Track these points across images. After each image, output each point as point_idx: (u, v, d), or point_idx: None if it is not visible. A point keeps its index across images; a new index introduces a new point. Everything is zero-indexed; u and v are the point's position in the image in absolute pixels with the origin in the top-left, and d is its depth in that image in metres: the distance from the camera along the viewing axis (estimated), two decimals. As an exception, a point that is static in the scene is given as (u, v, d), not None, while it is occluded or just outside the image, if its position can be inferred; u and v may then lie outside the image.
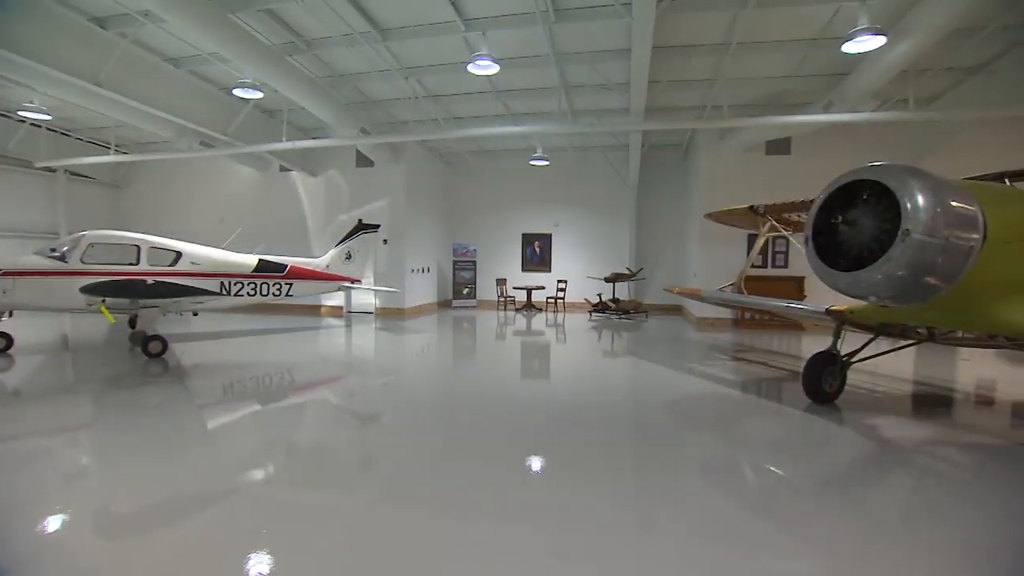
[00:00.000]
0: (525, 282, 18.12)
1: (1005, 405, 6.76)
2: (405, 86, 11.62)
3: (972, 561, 3.02)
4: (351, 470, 4.37)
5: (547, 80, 11.33)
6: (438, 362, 9.63)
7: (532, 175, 17.98)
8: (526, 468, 4.35)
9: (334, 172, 16.17)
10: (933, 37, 7.62)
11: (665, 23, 8.64)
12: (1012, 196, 4.51)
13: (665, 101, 12.44)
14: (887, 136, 12.77)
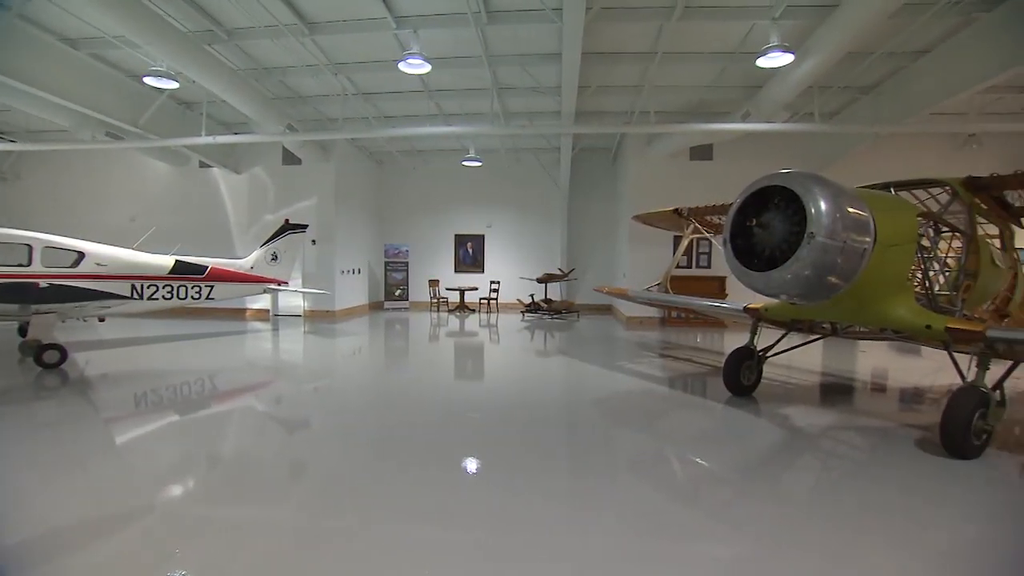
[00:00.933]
0: (458, 283, 18.07)
1: (895, 391, 7.48)
2: (334, 82, 11.29)
3: (870, 530, 3.30)
4: (278, 480, 4.18)
5: (480, 81, 11.36)
6: (371, 365, 9.42)
7: (465, 176, 17.98)
8: (462, 469, 4.34)
9: (259, 170, 15.43)
10: (832, 58, 8.30)
11: (595, 30, 8.89)
12: (896, 204, 5.00)
13: (595, 105, 12.78)
14: (798, 145, 13.73)
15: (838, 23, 7.64)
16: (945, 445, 4.61)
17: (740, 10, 8.41)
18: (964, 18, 8.67)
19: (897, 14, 7.89)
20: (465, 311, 17.25)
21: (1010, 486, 4.11)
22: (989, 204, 5.64)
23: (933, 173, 5.79)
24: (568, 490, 4.02)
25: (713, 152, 14.28)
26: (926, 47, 9.77)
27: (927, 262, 5.23)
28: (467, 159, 15.41)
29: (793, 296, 4.72)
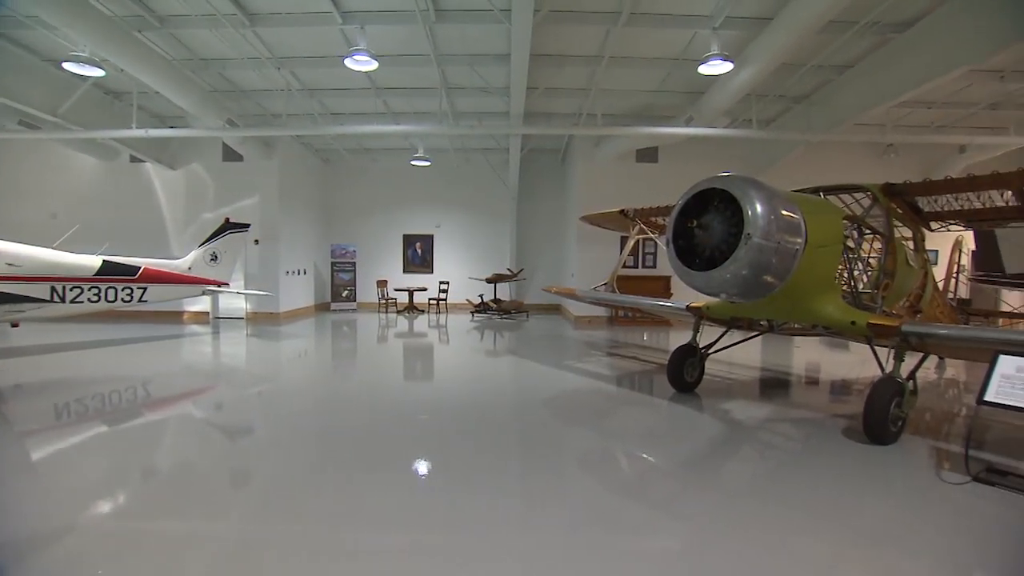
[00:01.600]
0: (407, 283, 17.86)
1: (826, 384, 7.95)
2: (278, 77, 10.93)
3: (803, 515, 3.50)
4: (219, 490, 3.99)
5: (428, 80, 11.26)
6: (317, 368, 9.18)
7: (414, 175, 17.80)
8: (412, 472, 4.29)
9: (197, 166, 14.70)
10: (767, 68, 8.73)
11: (543, 32, 8.99)
12: (825, 207, 5.31)
13: (544, 107, 12.91)
14: (738, 149, 14.35)
15: (772, 36, 8.05)
16: (867, 432, 4.93)
17: (683, 18, 8.70)
18: (881, 38, 9.32)
19: (824, 30, 8.41)
20: (414, 312, 17.06)
21: (922, 468, 4.43)
22: (904, 209, 6.08)
23: (857, 179, 6.19)
24: (519, 489, 4.05)
25: (659, 155, 14.70)
26: (849, 62, 10.42)
27: (852, 262, 5.58)
28: (416, 158, 15.27)
29: (732, 295, 4.94)
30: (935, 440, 5.22)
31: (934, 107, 12.43)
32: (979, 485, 4.06)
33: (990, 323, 9.26)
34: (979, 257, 11.99)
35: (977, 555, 3.15)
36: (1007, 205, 5.81)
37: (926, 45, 8.84)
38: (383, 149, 17.42)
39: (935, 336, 4.88)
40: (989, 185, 5.43)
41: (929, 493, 3.98)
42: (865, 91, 10.47)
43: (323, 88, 11.93)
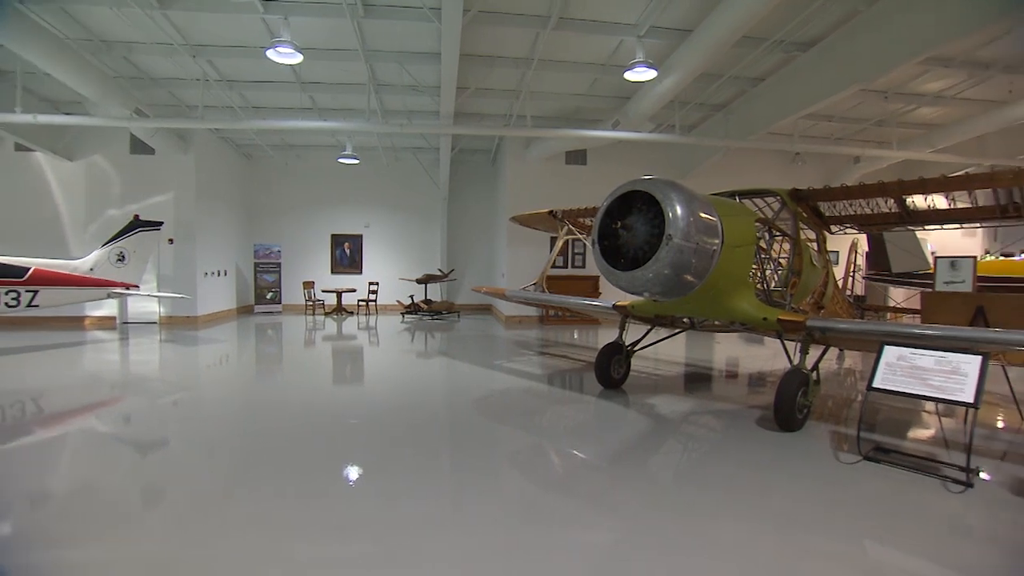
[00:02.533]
0: (335, 285, 17.29)
1: (743, 377, 8.42)
2: (192, 66, 10.23)
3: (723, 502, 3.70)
4: (126, 511, 3.66)
5: (356, 76, 10.94)
6: (240, 373, 8.71)
7: (341, 174, 17.27)
8: (341, 478, 4.16)
9: (100, 158, 13.46)
10: (688, 76, 9.15)
11: (473, 32, 8.97)
12: (740, 210, 5.64)
13: (474, 107, 12.90)
14: (663, 153, 14.96)
15: (692, 46, 8.44)
16: (777, 421, 5.28)
17: (610, 26, 8.94)
18: (787, 55, 10.03)
19: (738, 44, 8.91)
20: (342, 314, 16.55)
21: (823, 451, 4.80)
22: (808, 213, 6.56)
23: (769, 184, 6.61)
24: (451, 489, 4.03)
25: (587, 157, 15.05)
26: (762, 76, 11.13)
27: (763, 262, 5.95)
28: (344, 156, 14.78)
29: (655, 293, 5.13)
30: (835, 425, 5.67)
31: (833, 120, 13.54)
32: (868, 463, 4.46)
33: (880, 317, 10.17)
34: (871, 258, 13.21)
35: (866, 526, 3.45)
36: (890, 211, 6.41)
37: (824, 64, 9.63)
38: (309, 146, 16.79)
39: (835, 330, 5.30)
40: (875, 193, 5.97)
41: (828, 473, 4.32)
42: (775, 103, 11.23)
43: (244, 80, 11.32)
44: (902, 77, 10.96)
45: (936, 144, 13.64)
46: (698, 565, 2.94)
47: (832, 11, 8.52)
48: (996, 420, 6.06)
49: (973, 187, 5.54)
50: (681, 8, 8.33)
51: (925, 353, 4.50)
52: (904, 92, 11.85)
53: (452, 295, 18.04)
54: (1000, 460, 4.75)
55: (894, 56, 8.39)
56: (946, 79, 11.22)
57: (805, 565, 3.04)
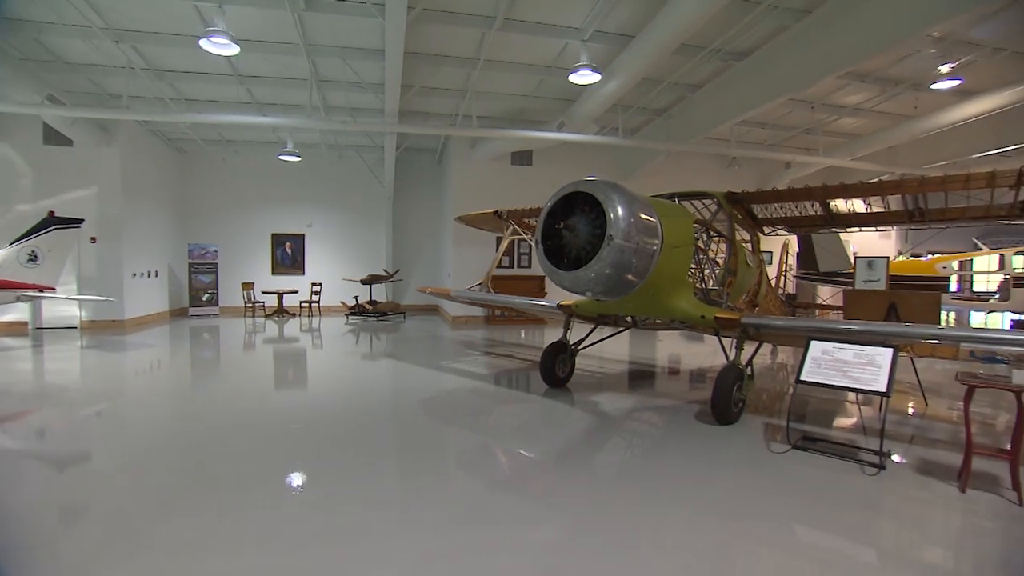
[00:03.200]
0: (276, 286, 16.67)
1: (683, 373, 8.71)
2: (115, 51, 9.58)
3: (665, 494, 3.82)
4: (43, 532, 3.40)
5: (298, 71, 10.61)
6: (173, 380, 8.23)
7: (283, 171, 16.67)
8: (285, 486, 4.02)
9: (7, 148, 12.37)
10: (631, 81, 9.39)
11: (418, 30, 8.88)
12: (679, 211, 5.84)
13: (419, 106, 12.77)
14: (607, 155, 15.25)
15: (634, 52, 8.67)
16: (715, 414, 5.50)
17: (555, 28, 9.05)
18: (724, 64, 10.47)
19: (678, 52, 9.23)
20: (284, 316, 16.00)
21: (757, 442, 5.04)
22: (743, 214, 6.86)
23: (708, 187, 6.87)
24: (399, 492, 3.98)
25: (533, 158, 15.17)
26: (701, 83, 11.57)
27: (701, 262, 6.18)
28: (284, 153, 14.28)
29: (597, 292, 5.24)
30: (768, 417, 5.95)
31: (767, 127, 14.25)
32: (797, 452, 4.73)
33: (809, 314, 10.75)
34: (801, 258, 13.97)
35: (794, 510, 3.68)
36: (816, 214, 6.81)
37: (757, 74, 10.14)
38: (248, 142, 16.12)
39: (768, 327, 5.58)
40: (802, 196, 6.33)
41: (761, 462, 4.55)
42: (713, 109, 11.70)
43: (175, 70, 10.74)
44: (826, 89, 11.66)
45: (856, 152, 14.59)
46: (643, 556, 3.04)
47: (763, 25, 8.97)
48: (907, 407, 6.54)
49: (884, 193, 5.95)
50: (624, 14, 8.53)
51: (845, 347, 4.80)
52: (828, 103, 12.62)
53: (398, 296, 17.77)
54: (909, 443, 5.14)
55: (817, 70, 8.96)
56: (863, 93, 12.06)
57: (741, 549, 3.22)
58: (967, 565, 3.20)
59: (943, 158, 15.41)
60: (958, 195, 5.76)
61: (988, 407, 6.39)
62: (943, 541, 3.49)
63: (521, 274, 14.95)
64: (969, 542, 3.47)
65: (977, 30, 9.23)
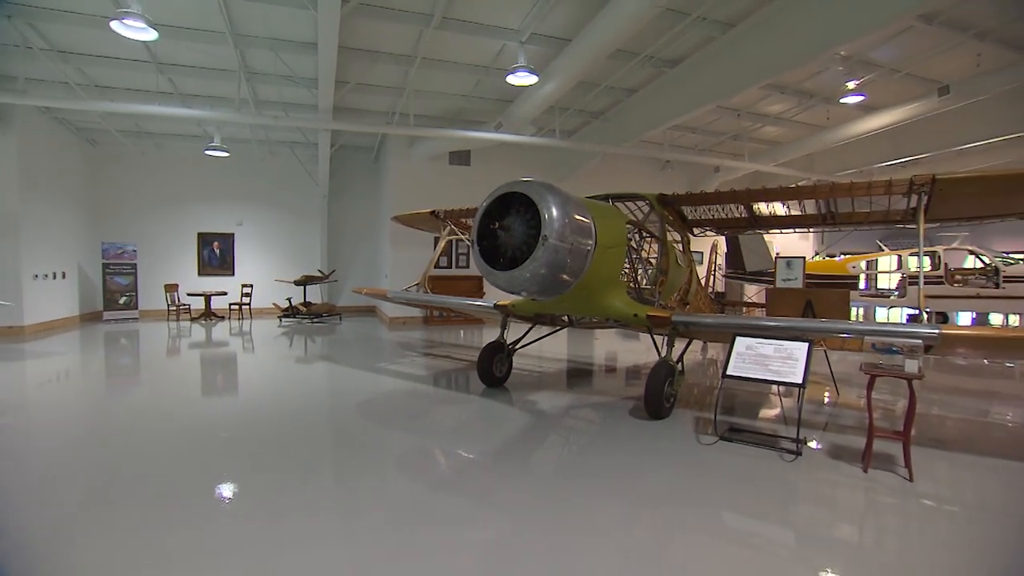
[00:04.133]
0: (203, 288, 15.80)
1: (621, 371, 8.95)
2: (9, 28, 8.70)
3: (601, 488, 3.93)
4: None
5: (225, 61, 10.08)
6: (83, 391, 7.57)
7: (210, 167, 15.81)
8: (214, 499, 3.81)
9: None
10: (568, 84, 9.55)
11: (354, 25, 8.68)
12: (613, 212, 5.99)
13: (355, 103, 12.48)
14: (544, 157, 15.42)
15: (571, 55, 8.80)
16: (647, 410, 5.69)
17: (493, 29, 9.07)
18: (657, 70, 10.84)
19: (613, 57, 9.48)
20: (212, 319, 15.19)
21: (687, 435, 5.25)
22: (674, 216, 7.14)
23: (642, 189, 7.09)
24: (336, 497, 3.89)
25: (471, 158, 15.14)
26: (635, 87, 11.93)
27: (634, 262, 6.37)
28: (212, 148, 13.56)
29: (533, 292, 5.30)
30: (698, 411, 6.21)
31: (697, 133, 14.88)
32: (724, 443, 4.97)
33: (737, 311, 11.31)
34: (729, 258, 14.69)
35: (720, 497, 3.88)
36: (741, 216, 7.18)
37: (688, 82, 10.57)
38: (171, 135, 15.19)
39: (697, 324, 5.82)
40: (728, 199, 6.66)
41: (690, 454, 4.75)
42: (646, 113, 12.09)
43: (83, 53, 9.91)
44: (750, 99, 12.33)
45: (778, 159, 15.51)
46: (582, 549, 3.11)
47: (692, 35, 9.36)
48: (822, 396, 7.01)
49: (800, 197, 6.37)
50: (561, 18, 8.67)
51: (767, 342, 5.08)
52: (753, 112, 13.35)
53: (334, 297, 17.28)
54: (823, 430, 5.52)
55: (740, 80, 9.47)
56: (783, 104, 12.85)
57: (674, 536, 3.37)
58: (869, 538, 3.48)
59: (852, 166, 16.65)
60: (863, 200, 6.23)
61: (889, 394, 6.95)
62: (848, 518, 3.78)
63: (459, 274, 14.89)
64: (870, 517, 3.78)
65: (876, 52, 10.10)
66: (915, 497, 3.92)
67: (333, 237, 17.25)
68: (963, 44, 9.62)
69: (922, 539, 3.44)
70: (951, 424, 5.98)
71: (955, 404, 6.81)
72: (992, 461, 4.74)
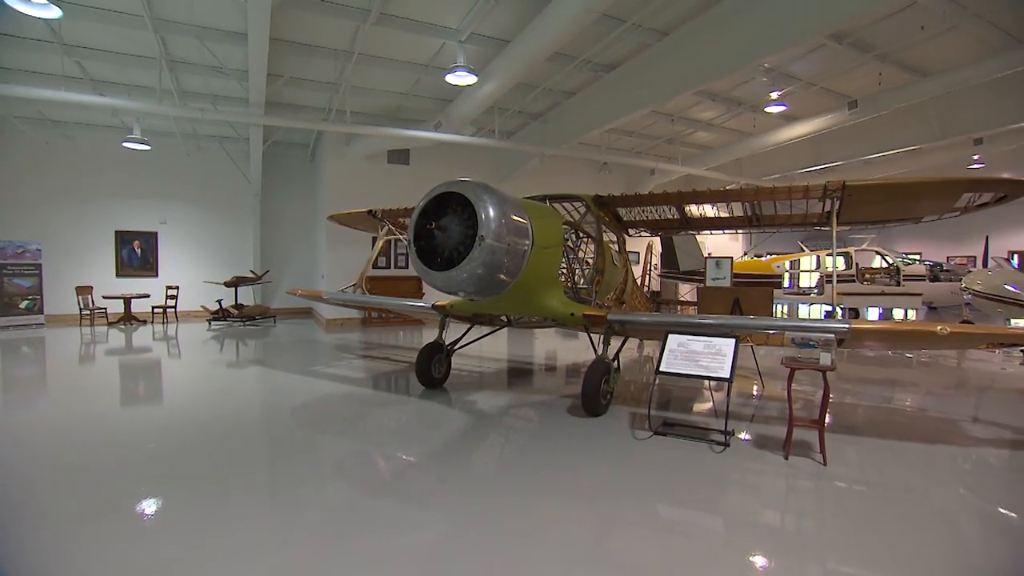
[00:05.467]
0: (122, 290, 14.76)
1: (561, 369, 9.08)
2: None
3: (542, 486, 3.97)
4: None
5: (144, 47, 9.46)
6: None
7: (129, 161, 14.74)
8: (137, 515, 3.56)
9: None
10: (507, 84, 9.61)
11: (287, 16, 8.41)
12: (549, 213, 6.08)
13: (289, 97, 12.08)
14: (484, 157, 15.43)
15: (510, 56, 8.87)
16: (585, 407, 5.79)
17: (433, 27, 9.00)
18: (594, 74, 11.10)
19: (552, 59, 9.62)
20: (132, 323, 14.22)
21: (623, 431, 5.39)
22: (610, 217, 7.32)
23: (579, 190, 7.23)
24: (271, 507, 3.74)
25: (410, 157, 14.96)
26: (574, 90, 12.15)
27: (571, 262, 6.48)
28: (131, 140, 12.65)
29: (470, 292, 5.29)
30: (634, 407, 6.38)
31: (634, 136, 15.34)
32: (658, 437, 5.14)
33: (672, 310, 11.74)
34: (664, 258, 15.23)
35: (655, 490, 4.01)
36: (674, 218, 7.46)
37: (623, 86, 10.88)
38: (82, 124, 14.11)
39: (632, 323, 5.99)
40: (661, 201, 6.91)
41: (626, 449, 4.88)
42: (584, 116, 12.35)
43: (-27, 30, 9.01)
44: (684, 105, 12.83)
45: (709, 163, 16.23)
46: (522, 547, 3.14)
47: (629, 41, 9.65)
48: (750, 389, 7.38)
49: (728, 200, 6.69)
50: (500, 19, 8.71)
51: (697, 339, 5.30)
52: (686, 117, 13.90)
53: (268, 299, 16.58)
54: (750, 421, 5.81)
55: (673, 86, 9.84)
56: (713, 110, 13.46)
57: (612, 530, 3.45)
58: (790, 521, 3.70)
59: (777, 171, 17.66)
60: (784, 204, 6.62)
61: (810, 385, 7.40)
62: (771, 503, 4.00)
63: (398, 275, 14.69)
64: (791, 501, 4.02)
65: (796, 65, 10.80)
66: (828, 480, 4.20)
67: (267, 236, 16.57)
68: (867, 63, 10.47)
69: (835, 518, 3.68)
70: (861, 411, 6.45)
71: (864, 392, 7.34)
72: (894, 443, 5.15)
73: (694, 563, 3.04)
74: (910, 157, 16.00)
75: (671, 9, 8.62)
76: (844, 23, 7.73)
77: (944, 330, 4.57)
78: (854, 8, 7.08)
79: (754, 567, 3.05)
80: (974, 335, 5.00)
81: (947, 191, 5.87)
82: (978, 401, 7.14)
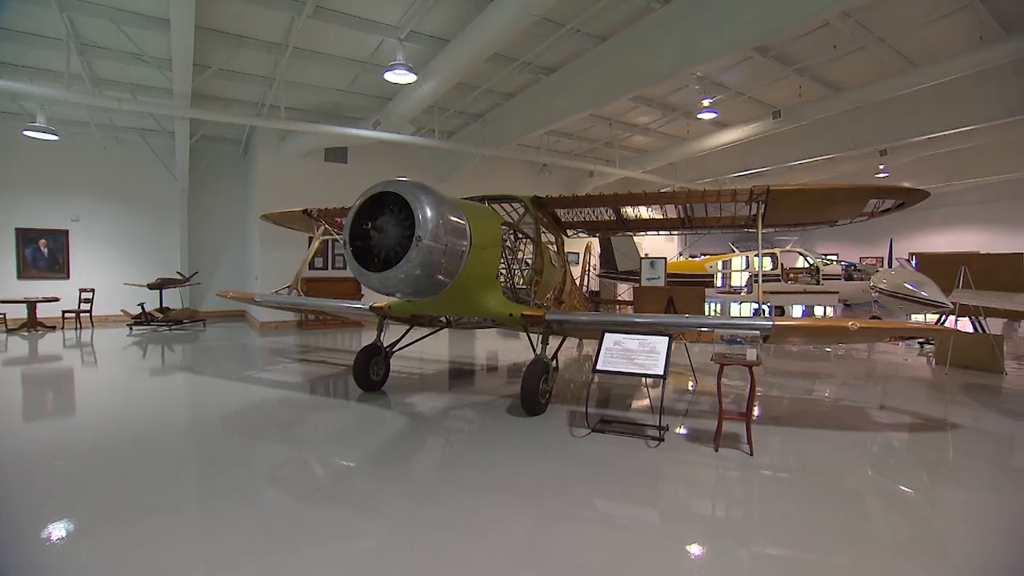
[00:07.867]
0: (25, 293, 13.56)
1: (502, 369, 9.09)
2: None
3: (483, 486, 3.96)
4: None
5: (49, 27, 8.72)
6: None
7: (33, 152, 13.53)
8: (43, 540, 3.25)
9: None
10: (446, 84, 9.55)
11: (215, 4, 8.03)
12: (487, 213, 6.10)
13: (218, 90, 11.52)
14: (424, 156, 15.26)
15: (449, 56, 8.81)
16: (524, 406, 5.84)
17: (371, 23, 8.81)
18: (534, 76, 11.21)
19: (492, 60, 9.65)
20: (38, 329, 13.11)
21: (562, 429, 5.47)
22: (548, 218, 7.41)
23: (518, 191, 7.28)
24: (202, 521, 3.56)
25: (348, 155, 14.60)
26: (513, 92, 12.22)
27: (509, 262, 6.52)
28: (33, 128, 11.57)
29: (407, 293, 5.23)
30: (573, 405, 6.48)
31: (573, 138, 15.60)
32: (596, 434, 5.25)
33: (610, 309, 12.01)
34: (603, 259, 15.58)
35: (593, 486, 4.10)
36: (610, 219, 7.65)
37: (562, 89, 11.05)
38: (-24, 110, 12.87)
39: (569, 322, 6.08)
40: (598, 203, 7.07)
41: (565, 447, 4.95)
42: (524, 118, 12.45)
43: None
44: (621, 109, 13.18)
45: (646, 166, 16.74)
46: (465, 548, 3.13)
47: (567, 45, 9.81)
48: (685, 385, 7.66)
49: (662, 202, 6.92)
50: (440, 18, 8.64)
51: (632, 337, 5.44)
52: (623, 121, 14.28)
53: (196, 302, 15.72)
54: (683, 416, 6.03)
55: (610, 91, 10.09)
56: (649, 115, 13.90)
57: (553, 527, 3.49)
58: (720, 510, 3.88)
59: (710, 175, 18.46)
60: (714, 206, 6.92)
61: (740, 380, 7.77)
62: (703, 493, 4.18)
63: (336, 276, 14.30)
64: (721, 491, 4.21)
65: (725, 75, 11.34)
66: (755, 469, 4.43)
67: (195, 236, 15.68)
68: (789, 76, 11.16)
69: (761, 504, 3.89)
70: (785, 403, 6.84)
71: (788, 385, 7.79)
72: (813, 431, 5.50)
73: (632, 555, 3.12)
74: (827, 165, 17.14)
75: (608, 15, 8.83)
76: (766, 38, 8.17)
77: (855, 326, 4.91)
78: (774, 24, 7.49)
79: (688, 555, 3.18)
80: (881, 330, 5.42)
81: (856, 197, 6.32)
82: (884, 390, 7.72)
